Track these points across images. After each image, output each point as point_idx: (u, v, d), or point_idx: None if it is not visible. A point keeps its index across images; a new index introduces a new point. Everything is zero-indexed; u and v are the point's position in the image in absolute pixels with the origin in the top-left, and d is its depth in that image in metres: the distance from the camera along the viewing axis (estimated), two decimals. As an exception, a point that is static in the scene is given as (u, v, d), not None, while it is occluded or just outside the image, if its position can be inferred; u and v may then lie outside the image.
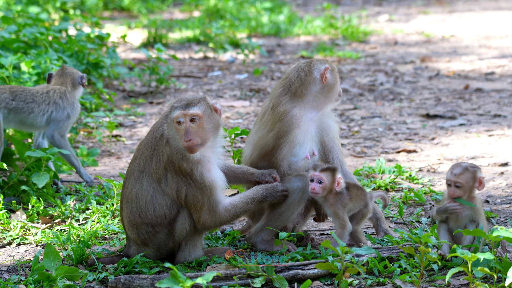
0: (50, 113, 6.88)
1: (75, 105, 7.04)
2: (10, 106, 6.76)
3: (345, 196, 5.33)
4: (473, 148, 8.30)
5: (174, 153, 5.03)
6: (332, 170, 5.32)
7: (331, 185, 5.31)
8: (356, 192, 5.39)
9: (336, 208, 5.31)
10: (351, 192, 5.37)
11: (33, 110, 6.81)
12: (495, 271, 4.66)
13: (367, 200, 5.42)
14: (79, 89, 7.14)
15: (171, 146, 5.04)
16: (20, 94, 6.81)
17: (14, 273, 5.18)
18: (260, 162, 5.57)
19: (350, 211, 5.37)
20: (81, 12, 17.12)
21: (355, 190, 5.40)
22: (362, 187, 5.49)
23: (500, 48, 14.16)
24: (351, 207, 5.37)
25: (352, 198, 5.36)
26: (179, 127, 5.00)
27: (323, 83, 5.53)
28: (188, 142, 4.95)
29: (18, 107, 6.78)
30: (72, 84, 7.07)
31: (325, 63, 5.58)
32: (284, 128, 5.47)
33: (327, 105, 5.61)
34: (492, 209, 6.29)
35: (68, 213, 6.28)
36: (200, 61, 13.42)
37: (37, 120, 6.85)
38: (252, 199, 5.23)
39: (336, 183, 5.31)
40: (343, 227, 5.29)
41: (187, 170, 5.01)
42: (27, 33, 9.82)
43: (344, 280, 4.66)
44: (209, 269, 5.02)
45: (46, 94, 6.90)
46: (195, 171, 5.02)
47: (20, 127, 6.99)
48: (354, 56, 13.49)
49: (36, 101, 6.84)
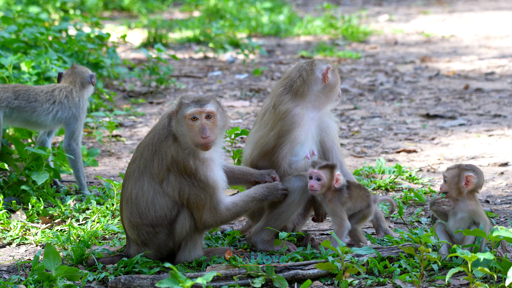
0: (55, 113, 6.86)
1: (81, 104, 6.98)
2: (12, 105, 6.76)
3: (345, 194, 5.33)
4: (473, 148, 8.30)
5: (180, 152, 5.01)
6: (330, 167, 5.32)
7: (329, 182, 5.31)
8: (357, 192, 5.38)
9: (334, 205, 5.31)
10: (352, 191, 5.37)
11: (35, 109, 6.81)
12: (495, 271, 4.66)
13: (370, 201, 5.41)
14: (89, 88, 7.09)
15: (179, 144, 5.02)
16: (24, 93, 6.81)
17: (14, 273, 5.18)
18: (260, 161, 5.57)
19: (349, 210, 5.36)
20: (81, 12, 17.12)
21: (357, 189, 5.40)
22: (366, 188, 5.47)
23: (500, 48, 14.16)
24: (350, 206, 5.36)
25: (352, 197, 5.35)
26: (193, 124, 4.98)
27: (325, 83, 5.54)
28: (205, 139, 4.94)
29: (20, 106, 6.78)
30: (81, 83, 7.03)
31: (326, 62, 5.60)
32: (285, 127, 5.48)
33: (327, 105, 5.62)
34: (492, 209, 6.29)
35: (68, 213, 6.28)
36: (200, 61, 13.42)
37: (41, 119, 6.85)
38: (252, 198, 5.23)
39: (335, 180, 5.31)
40: (341, 225, 5.29)
41: (192, 170, 5.01)
42: (27, 33, 9.82)
43: (344, 280, 4.66)
44: (209, 269, 5.02)
45: (51, 93, 6.89)
46: (200, 171, 5.02)
47: (26, 126, 7.00)
48: (354, 56, 13.49)
49: (39, 100, 6.83)
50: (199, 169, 5.03)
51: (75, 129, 6.92)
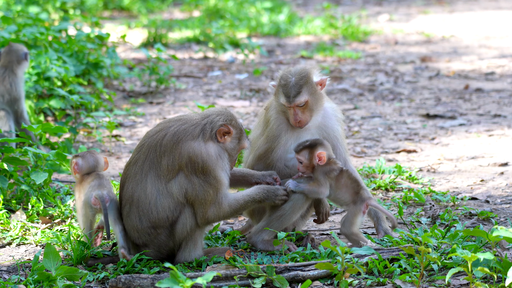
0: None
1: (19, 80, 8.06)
2: None
3: (333, 172, 5.32)
4: (473, 148, 8.30)
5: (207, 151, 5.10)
6: (308, 146, 5.32)
7: (310, 162, 5.32)
8: (346, 181, 5.34)
9: (319, 173, 5.32)
10: (342, 177, 5.34)
11: None
12: (495, 271, 4.66)
13: (356, 198, 5.36)
14: (24, 64, 8.15)
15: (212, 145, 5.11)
16: None
17: (14, 273, 5.18)
18: (256, 166, 5.57)
19: (332, 193, 5.35)
20: (81, 12, 17.12)
21: (348, 179, 5.35)
22: (361, 185, 5.40)
23: (500, 48, 14.16)
24: (333, 189, 5.33)
25: (339, 181, 5.32)
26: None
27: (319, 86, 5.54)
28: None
29: None
30: (17, 60, 8.10)
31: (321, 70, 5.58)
32: (272, 133, 5.49)
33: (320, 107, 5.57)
34: (492, 209, 6.28)
35: (68, 213, 6.28)
36: (200, 61, 13.42)
37: None
38: (252, 198, 5.26)
39: (317, 158, 5.31)
40: (319, 185, 5.30)
41: (209, 168, 5.07)
42: (27, 33, 9.82)
43: (344, 280, 4.66)
44: (209, 269, 5.03)
45: None
46: (216, 169, 5.10)
47: None
48: (354, 56, 13.49)
49: None
50: (216, 169, 5.09)
51: (18, 106, 7.92)
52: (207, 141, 5.13)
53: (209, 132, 5.15)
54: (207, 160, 5.08)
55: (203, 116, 5.24)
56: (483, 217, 6.08)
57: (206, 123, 5.18)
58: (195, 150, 5.09)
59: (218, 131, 5.16)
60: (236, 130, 5.24)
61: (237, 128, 5.25)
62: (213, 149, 5.13)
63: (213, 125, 5.17)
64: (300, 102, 5.41)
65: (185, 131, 5.13)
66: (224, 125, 5.18)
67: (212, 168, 5.09)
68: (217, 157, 5.13)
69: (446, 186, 7.03)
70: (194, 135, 5.13)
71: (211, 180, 5.09)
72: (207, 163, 5.08)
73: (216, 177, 5.11)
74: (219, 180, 5.12)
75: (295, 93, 5.40)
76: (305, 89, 5.42)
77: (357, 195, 5.35)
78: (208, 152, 5.10)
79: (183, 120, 5.21)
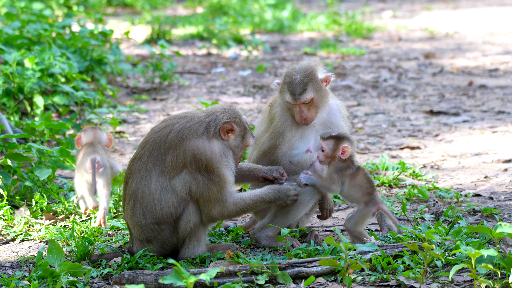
0: None
1: None
2: None
3: (349, 170, 5.29)
4: (477, 144, 8.29)
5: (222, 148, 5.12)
6: (335, 137, 5.30)
7: (333, 153, 5.29)
8: (362, 180, 5.31)
9: (334, 169, 5.30)
10: (358, 175, 5.32)
11: None
12: (498, 267, 4.65)
13: (368, 198, 5.36)
14: None
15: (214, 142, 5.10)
16: None
17: (17, 269, 5.19)
18: (260, 161, 5.57)
19: (344, 191, 5.33)
20: (84, 8, 17.13)
21: (363, 178, 5.33)
22: (374, 186, 5.38)
23: (504, 44, 14.14)
24: (347, 186, 5.31)
25: (354, 180, 5.30)
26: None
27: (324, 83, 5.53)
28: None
29: None
30: None
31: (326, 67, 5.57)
32: (277, 129, 5.49)
33: (325, 105, 5.56)
34: (496, 206, 6.28)
35: (72, 209, 6.29)
36: (203, 58, 13.42)
37: None
38: (262, 198, 5.24)
39: (341, 151, 5.29)
40: (331, 182, 5.29)
41: (213, 166, 5.06)
42: (30, 29, 9.83)
43: (348, 277, 4.66)
44: (212, 265, 5.03)
45: None
46: (220, 168, 5.09)
47: None
48: (357, 53, 13.47)
49: None
50: (220, 166, 5.09)
51: None
52: (211, 138, 5.14)
53: (213, 129, 5.15)
54: (211, 158, 5.09)
55: (208, 113, 5.24)
56: (487, 213, 6.08)
57: (210, 121, 5.18)
58: (199, 148, 5.09)
59: (221, 128, 5.16)
60: (239, 127, 5.23)
61: (241, 125, 5.24)
62: (217, 147, 5.13)
63: (217, 123, 5.17)
64: (306, 100, 5.41)
65: (190, 128, 5.14)
66: (227, 122, 5.18)
67: (216, 166, 5.09)
68: (221, 155, 5.14)
69: (450, 183, 7.02)
70: (199, 133, 5.13)
71: (214, 178, 5.09)
72: (211, 161, 5.08)
73: (220, 175, 5.11)
74: (223, 178, 5.12)
75: (300, 91, 5.40)
76: (311, 86, 5.42)
77: (369, 196, 5.33)
78: (212, 150, 5.10)
79: (188, 117, 5.21)
